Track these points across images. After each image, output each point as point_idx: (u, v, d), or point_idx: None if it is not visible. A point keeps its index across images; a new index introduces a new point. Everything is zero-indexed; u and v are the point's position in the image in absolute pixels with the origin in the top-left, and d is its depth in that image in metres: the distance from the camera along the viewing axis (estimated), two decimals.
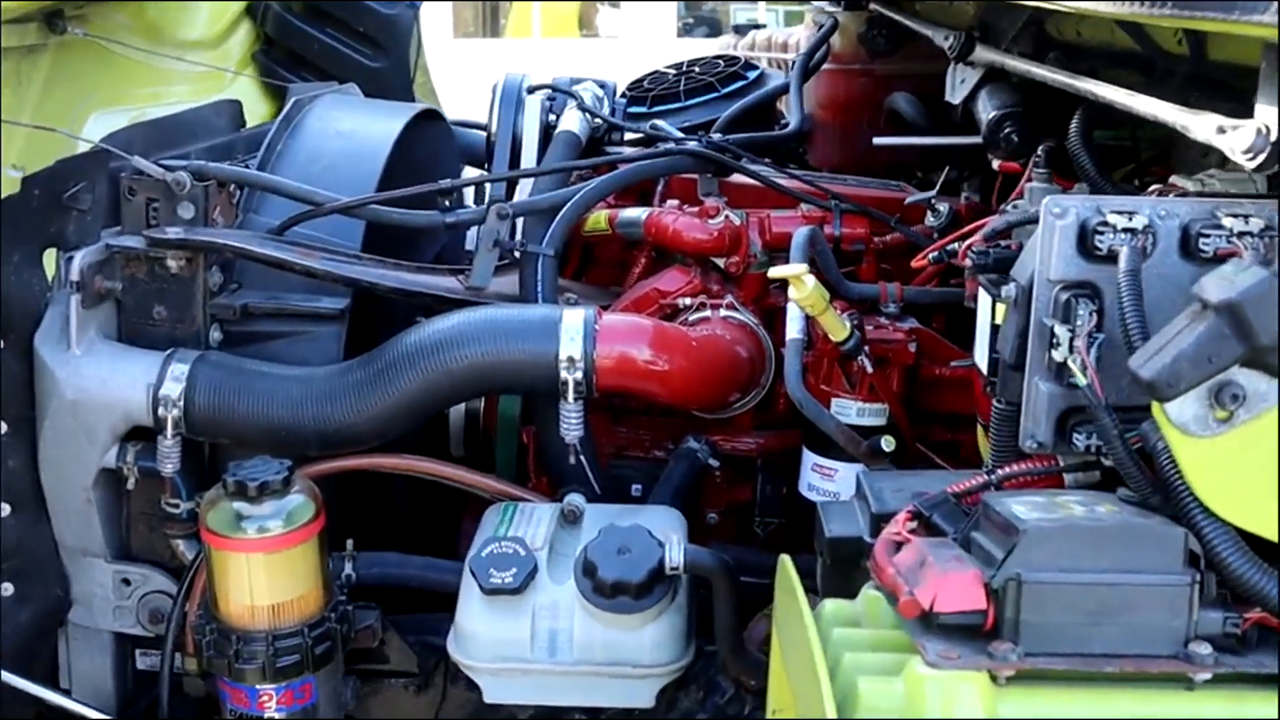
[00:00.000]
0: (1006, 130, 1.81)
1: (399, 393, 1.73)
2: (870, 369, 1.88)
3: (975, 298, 1.60)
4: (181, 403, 1.74)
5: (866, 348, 1.85)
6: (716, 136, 2.10)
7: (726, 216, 1.98)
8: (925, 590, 1.06)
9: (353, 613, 1.72)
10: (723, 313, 1.90)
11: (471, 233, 2.40)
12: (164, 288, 1.84)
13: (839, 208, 2.09)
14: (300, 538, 1.61)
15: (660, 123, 2.37)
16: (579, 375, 1.72)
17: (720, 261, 2.01)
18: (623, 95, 3.14)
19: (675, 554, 1.56)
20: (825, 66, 2.82)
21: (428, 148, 2.35)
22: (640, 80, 3.18)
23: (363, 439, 1.77)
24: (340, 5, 3.32)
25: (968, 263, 1.45)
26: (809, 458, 2.02)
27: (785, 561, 1.26)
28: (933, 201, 2.06)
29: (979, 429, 1.89)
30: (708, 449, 2.03)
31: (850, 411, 1.94)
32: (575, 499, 1.79)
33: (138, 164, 1.81)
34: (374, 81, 3.34)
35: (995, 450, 1.40)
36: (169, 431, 1.75)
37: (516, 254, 1.93)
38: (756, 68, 3.09)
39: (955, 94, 1.96)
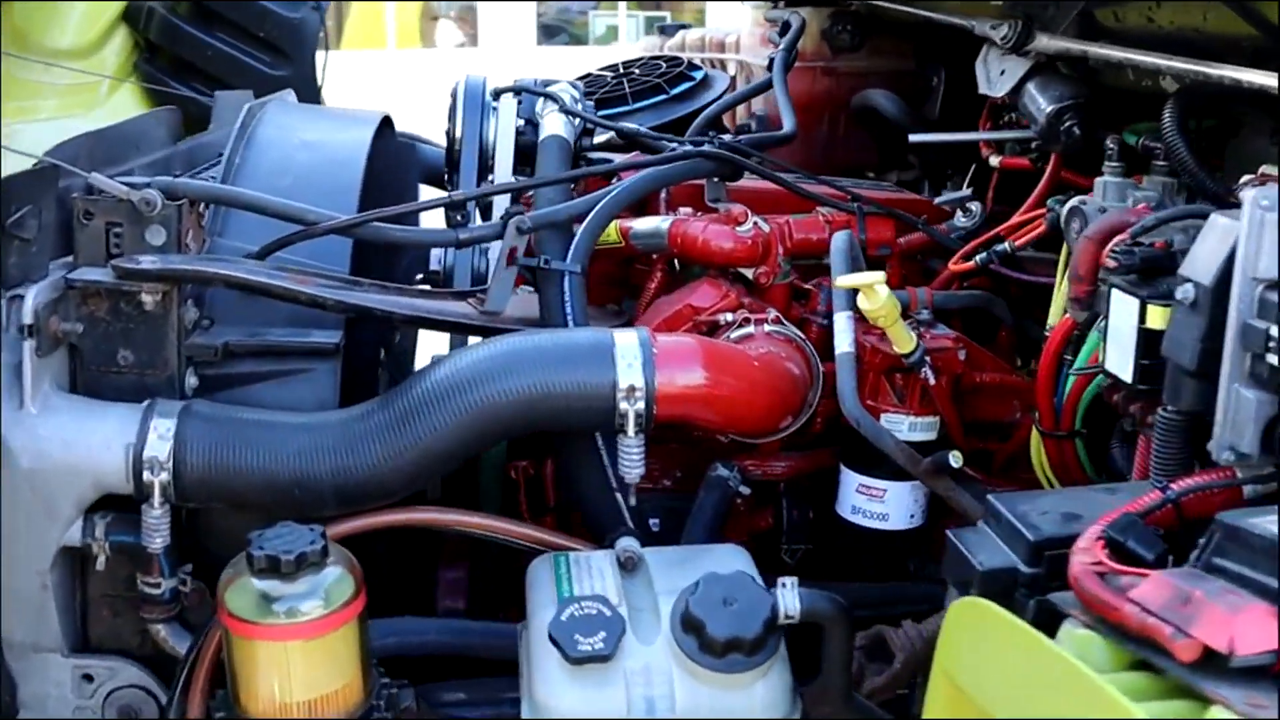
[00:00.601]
0: (1067, 123, 1.72)
1: (432, 436, 1.49)
2: (933, 380, 1.75)
3: (1081, 299, 1.49)
4: (171, 465, 1.47)
5: (928, 358, 1.72)
6: (726, 138, 1.93)
7: (755, 224, 1.82)
8: (1211, 630, 0.93)
9: (396, 695, 1.48)
10: (768, 328, 1.74)
11: (436, 250, 2.20)
12: (131, 328, 1.56)
13: (862, 210, 1.95)
14: (342, 619, 1.36)
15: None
16: (640, 406, 1.52)
17: (749, 272, 1.85)
18: None
19: (790, 601, 1.39)
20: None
21: (386, 159, 2.11)
22: (561, 80, 3.00)
23: (390, 492, 1.53)
24: (235, 7, 3.02)
25: (1109, 263, 1.33)
26: (851, 478, 1.88)
27: (987, 607, 1.11)
28: (964, 202, 1.95)
29: (1036, 436, 1.79)
30: (739, 476, 1.86)
31: (902, 426, 1.81)
32: (629, 544, 1.59)
33: (96, 181, 1.53)
34: (276, 92, 3.06)
35: (1160, 463, 1.29)
36: (156, 500, 1.47)
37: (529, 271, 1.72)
38: (700, 68, 2.95)
39: (995, 86, 1.85)
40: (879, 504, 1.86)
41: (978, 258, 1.83)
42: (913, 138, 2.11)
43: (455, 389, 1.50)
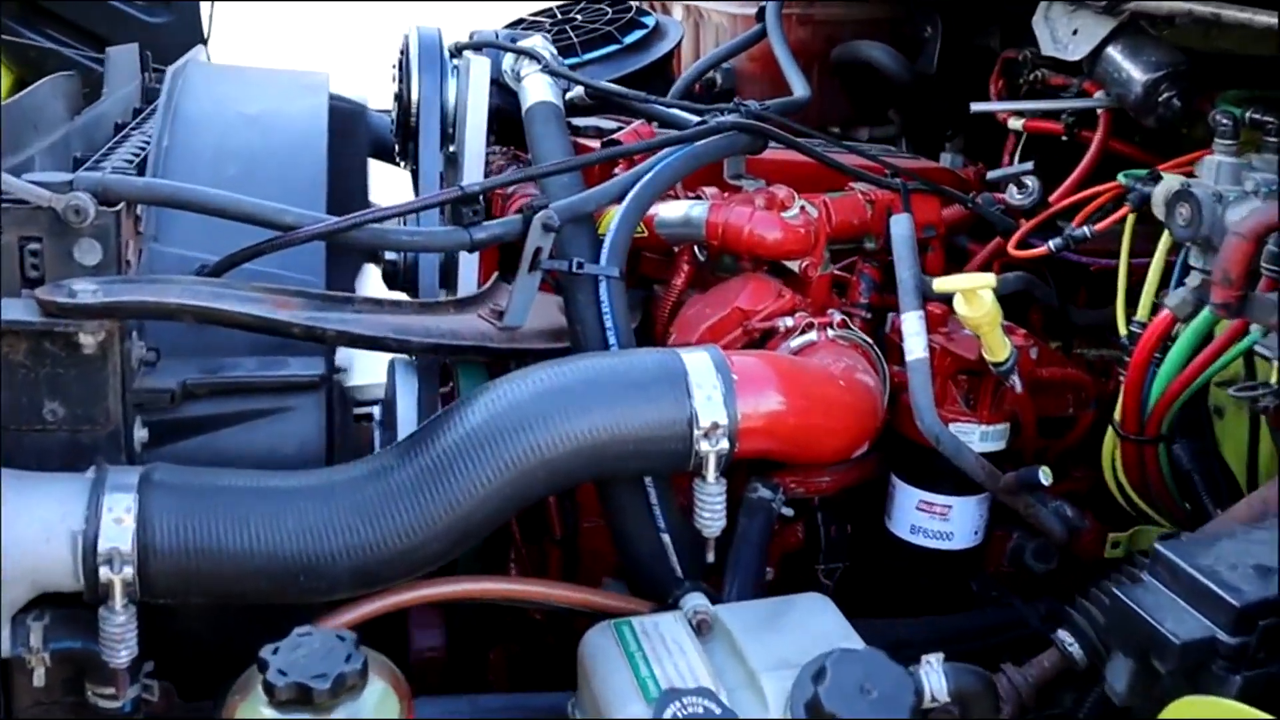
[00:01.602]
0: (1165, 94, 1.50)
1: (472, 497, 1.19)
2: (1020, 388, 1.53)
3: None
4: (136, 557, 1.13)
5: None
6: (753, 104, 1.65)
7: (803, 208, 1.55)
8: None
9: None
10: (832, 333, 1.48)
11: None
12: (60, 374, 1.19)
13: (905, 186, 1.70)
14: None
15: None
16: (724, 445, 1.25)
17: (792, 264, 1.58)
18: None
19: (935, 682, 1.15)
20: (747, 12, 2.43)
21: (333, 133, 1.75)
22: (510, 28, 2.65)
23: (418, 567, 1.22)
24: None
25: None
26: (909, 493, 1.66)
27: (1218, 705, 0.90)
28: (1020, 176, 1.72)
29: (1110, 438, 1.60)
30: (782, 497, 1.61)
31: (972, 436, 1.60)
32: (700, 603, 1.33)
33: (4, 183, 1.15)
34: (155, 44, 2.61)
35: None
36: (118, 603, 1.13)
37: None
38: (649, 13, 2.64)
39: (1065, 48, 1.61)
40: (942, 522, 1.64)
41: (1051, 243, 1.61)
42: (975, 107, 1.86)
43: (496, 436, 1.20)
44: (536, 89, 1.73)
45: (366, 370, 1.93)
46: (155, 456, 1.29)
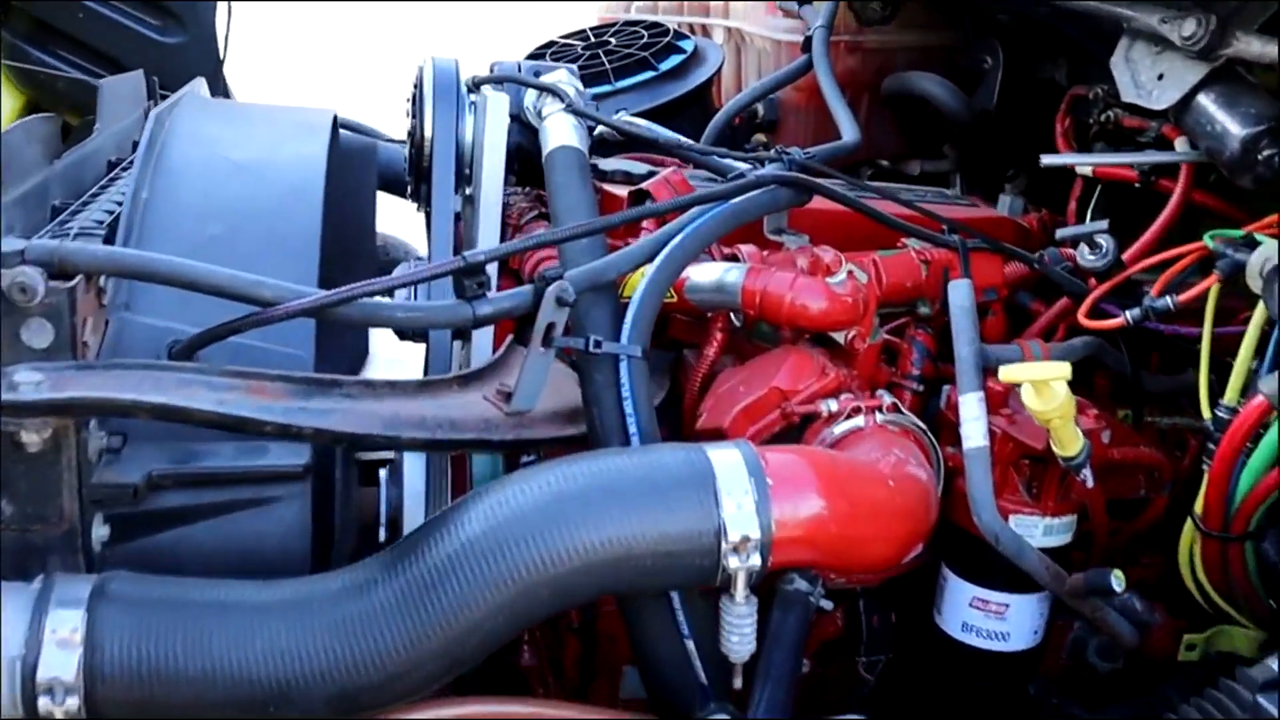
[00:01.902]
0: (1266, 151, 1.32)
1: (465, 616, 1.04)
2: (1091, 483, 1.36)
3: None
4: (82, 685, 0.99)
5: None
6: (796, 153, 1.49)
7: (850, 273, 1.39)
8: None
9: None
10: (880, 417, 1.31)
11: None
12: (6, 470, 1.06)
13: (965, 245, 1.54)
14: None
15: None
16: (755, 561, 1.10)
17: (840, 336, 1.42)
18: None
19: None
20: (794, 39, 2.26)
21: (337, 170, 1.61)
22: (539, 54, 2.50)
23: (404, 695, 1.08)
24: None
25: None
26: (962, 588, 1.50)
27: None
28: (1093, 235, 1.54)
29: (1189, 532, 1.43)
30: (821, 589, 1.44)
31: (1035, 530, 1.43)
32: None
33: None
34: (169, 65, 2.49)
35: None
36: None
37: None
38: (686, 37, 2.49)
39: (1149, 95, 1.43)
40: (999, 622, 1.48)
41: (1128, 315, 1.43)
42: (1045, 160, 1.68)
43: (496, 549, 1.05)
44: (559, 131, 1.58)
45: None
46: (119, 554, 1.15)
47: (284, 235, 1.31)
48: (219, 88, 2.57)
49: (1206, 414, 1.43)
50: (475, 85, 1.71)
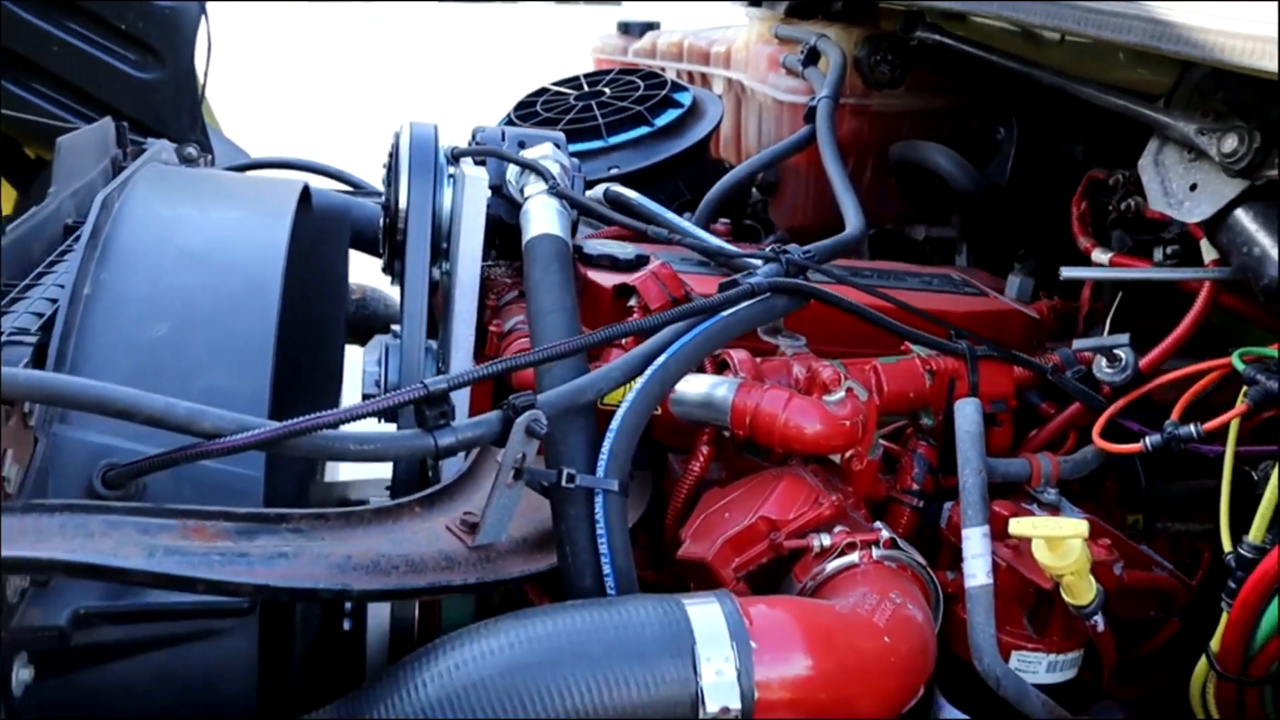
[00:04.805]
0: None
1: None
2: (1102, 627, 1.26)
3: None
4: None
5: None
6: (795, 251, 1.39)
7: (850, 390, 1.29)
8: None
9: None
10: (878, 553, 1.21)
11: (370, 364, 1.63)
12: None
13: (973, 353, 1.43)
14: None
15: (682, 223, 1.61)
16: None
17: (837, 456, 1.32)
18: (510, 122, 2.36)
19: None
20: (796, 100, 2.16)
21: (306, 241, 1.50)
22: (530, 102, 2.40)
23: None
24: None
25: None
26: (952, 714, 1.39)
27: None
28: (1112, 349, 1.44)
29: (1203, 670, 1.33)
30: None
31: (1039, 667, 1.33)
32: None
33: None
34: (146, 100, 2.39)
35: None
36: None
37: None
38: (685, 88, 2.38)
39: (1180, 207, 1.33)
40: None
41: (1148, 441, 1.33)
42: (1065, 274, 1.57)
43: (465, 712, 0.95)
44: (540, 217, 1.48)
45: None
46: (41, 697, 1.05)
47: (236, 338, 1.21)
48: (198, 123, 2.46)
49: (1227, 547, 1.33)
50: (455, 157, 1.61)
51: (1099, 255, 1.69)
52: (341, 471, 2.29)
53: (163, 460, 1.04)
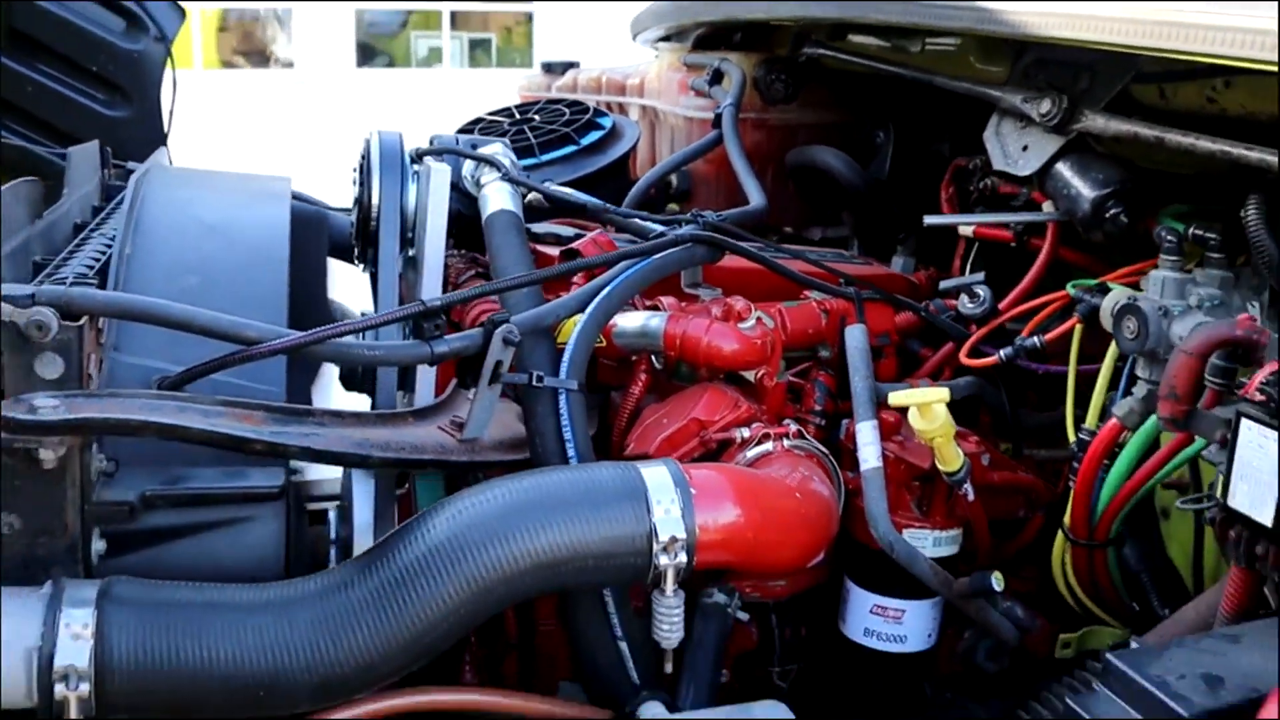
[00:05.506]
0: (1112, 211, 1.56)
1: (432, 612, 1.19)
2: (972, 496, 1.56)
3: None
4: (93, 672, 1.11)
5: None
6: (710, 215, 1.70)
7: (759, 319, 1.59)
8: None
9: None
10: (788, 443, 1.51)
11: None
12: (18, 487, 1.19)
13: (859, 295, 1.75)
14: None
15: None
16: (681, 559, 1.27)
17: (750, 374, 1.61)
18: None
19: None
20: (704, 115, 2.49)
21: (293, 235, 1.77)
22: (469, 129, 2.69)
23: (377, 681, 1.22)
24: (62, 36, 2.58)
25: (1257, 396, 1.16)
26: (863, 597, 1.68)
27: None
28: (971, 286, 1.77)
29: (1060, 542, 1.63)
30: (738, 601, 1.62)
31: (926, 542, 1.62)
32: (657, 712, 1.34)
33: None
34: (114, 135, 2.63)
35: None
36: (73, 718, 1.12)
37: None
38: (606, 114, 2.70)
39: (1015, 163, 1.67)
40: (896, 626, 1.66)
41: (1001, 353, 1.66)
42: (928, 220, 1.91)
43: (457, 554, 1.20)
44: (496, 197, 1.77)
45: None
46: (112, 568, 1.28)
47: (255, 289, 1.47)
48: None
49: (1072, 437, 1.65)
50: (418, 156, 1.89)
51: (965, 229, 2.02)
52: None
53: (213, 365, 1.29)
